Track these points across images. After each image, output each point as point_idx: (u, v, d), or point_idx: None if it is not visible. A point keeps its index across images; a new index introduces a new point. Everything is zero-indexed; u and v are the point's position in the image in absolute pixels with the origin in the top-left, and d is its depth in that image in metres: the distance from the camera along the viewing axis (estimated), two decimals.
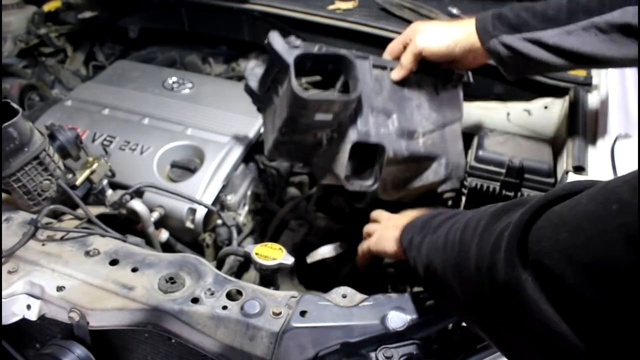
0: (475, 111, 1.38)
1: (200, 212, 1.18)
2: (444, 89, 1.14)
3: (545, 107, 1.33)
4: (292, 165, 1.42)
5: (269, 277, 0.97)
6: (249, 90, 1.12)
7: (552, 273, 0.41)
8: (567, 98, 1.27)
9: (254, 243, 1.28)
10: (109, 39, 1.90)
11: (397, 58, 1.10)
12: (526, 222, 0.45)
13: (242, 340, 0.75)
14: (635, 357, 0.35)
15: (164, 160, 1.26)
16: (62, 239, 0.92)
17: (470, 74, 1.16)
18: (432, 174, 1.12)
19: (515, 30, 0.94)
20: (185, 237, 1.23)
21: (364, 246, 1.04)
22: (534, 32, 0.91)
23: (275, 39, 0.96)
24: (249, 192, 1.33)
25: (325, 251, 1.19)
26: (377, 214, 1.08)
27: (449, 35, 1.02)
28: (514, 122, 1.18)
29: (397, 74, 1.08)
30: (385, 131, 1.02)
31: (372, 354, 0.74)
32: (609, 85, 1.23)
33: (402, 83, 1.09)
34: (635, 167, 0.40)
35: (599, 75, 1.28)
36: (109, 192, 1.13)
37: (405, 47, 1.08)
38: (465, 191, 1.13)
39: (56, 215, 1.00)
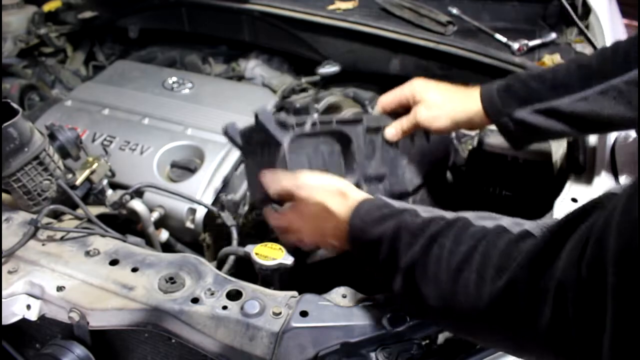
0: None
1: (200, 212, 1.18)
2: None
3: None
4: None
5: (269, 277, 0.97)
6: (228, 136, 0.96)
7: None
8: None
9: (254, 243, 1.29)
10: (109, 39, 1.90)
11: (390, 113, 1.05)
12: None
13: (242, 340, 0.75)
14: None
15: (164, 160, 1.26)
16: (62, 239, 0.92)
17: None
18: None
19: (525, 103, 0.89)
20: (185, 237, 1.23)
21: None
22: (547, 102, 0.87)
23: (267, 119, 0.87)
24: (249, 192, 1.33)
25: (325, 252, 1.19)
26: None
27: (454, 115, 0.96)
28: None
29: (392, 135, 1.02)
30: None
31: (372, 354, 0.74)
32: None
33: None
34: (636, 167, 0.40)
35: None
36: (109, 192, 1.13)
37: (400, 105, 1.03)
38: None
39: (56, 215, 1.00)
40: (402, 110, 1.02)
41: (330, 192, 0.80)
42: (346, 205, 0.77)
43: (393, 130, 1.03)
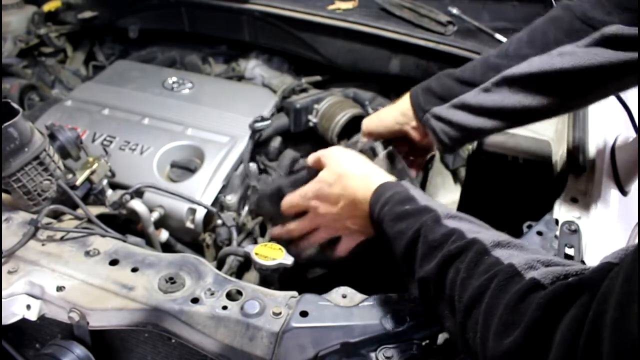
0: None
1: (200, 212, 1.18)
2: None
3: None
4: (292, 164, 1.42)
5: (269, 277, 0.97)
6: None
7: None
8: None
9: (254, 243, 1.29)
10: (109, 39, 1.90)
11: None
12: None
13: (242, 340, 0.75)
14: None
15: (164, 160, 1.26)
16: (62, 239, 0.92)
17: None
18: None
19: (442, 100, 0.92)
20: (185, 237, 1.23)
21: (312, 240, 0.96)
22: (458, 97, 0.90)
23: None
24: (249, 192, 1.33)
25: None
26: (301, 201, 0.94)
27: (389, 114, 1.00)
28: None
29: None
30: None
31: (372, 354, 0.74)
32: None
33: None
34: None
35: None
36: (109, 192, 1.13)
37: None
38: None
39: (56, 215, 1.00)
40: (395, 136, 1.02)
41: (356, 165, 0.86)
42: (367, 186, 0.81)
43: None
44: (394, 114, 1.00)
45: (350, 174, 0.86)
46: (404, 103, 0.98)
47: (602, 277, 0.45)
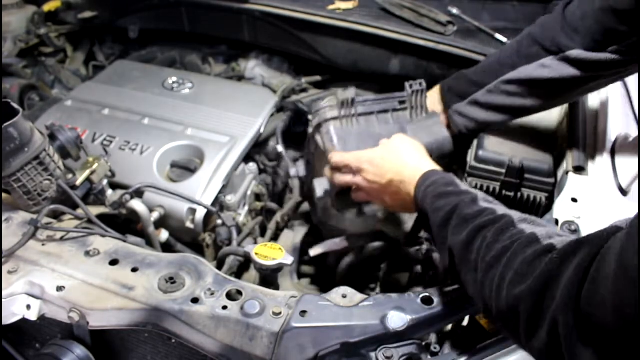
0: None
1: (200, 212, 1.18)
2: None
3: None
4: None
5: (269, 277, 0.97)
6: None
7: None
8: None
9: (254, 243, 1.29)
10: (109, 39, 1.90)
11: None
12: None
13: (242, 340, 0.75)
14: None
15: (164, 160, 1.26)
16: (62, 239, 0.92)
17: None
18: None
19: (461, 98, 1.09)
20: (185, 237, 1.23)
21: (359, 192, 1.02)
22: (472, 96, 1.07)
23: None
24: (249, 192, 1.33)
25: (328, 245, 1.19)
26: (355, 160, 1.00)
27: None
28: (513, 122, 1.18)
29: None
30: None
31: (372, 354, 0.74)
32: (609, 86, 1.22)
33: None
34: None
35: None
36: (109, 192, 1.13)
37: None
38: None
39: (56, 215, 1.00)
40: None
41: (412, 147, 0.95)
42: (417, 169, 0.89)
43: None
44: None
45: (405, 155, 0.94)
46: (434, 97, 1.13)
47: (609, 236, 0.49)
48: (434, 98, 1.14)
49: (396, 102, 1.10)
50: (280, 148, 1.37)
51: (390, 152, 0.96)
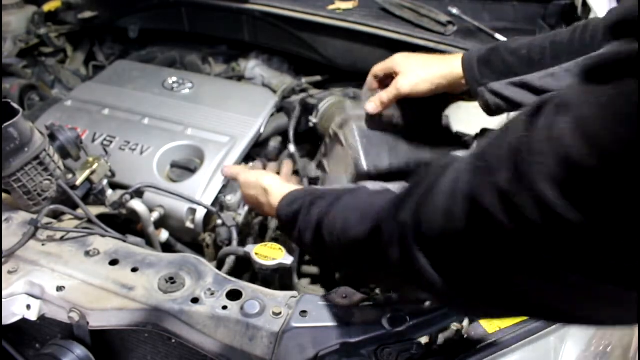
0: (475, 111, 1.38)
1: (200, 212, 1.18)
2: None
3: None
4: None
5: (269, 277, 0.97)
6: None
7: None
8: None
9: (254, 243, 1.29)
10: (109, 39, 1.90)
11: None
12: None
13: (242, 340, 0.75)
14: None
15: (164, 160, 1.26)
16: (62, 239, 0.92)
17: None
18: None
19: (502, 76, 0.95)
20: (185, 237, 1.23)
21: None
22: (521, 77, 0.93)
23: None
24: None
25: None
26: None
27: (432, 79, 1.03)
28: None
29: (373, 108, 1.09)
30: None
31: (372, 354, 0.74)
32: None
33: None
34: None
35: None
36: (109, 192, 1.13)
37: (385, 77, 1.10)
38: None
39: (56, 215, 1.00)
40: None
41: (257, 189, 0.98)
42: (269, 200, 0.93)
43: (373, 104, 1.09)
44: (436, 78, 1.03)
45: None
46: (452, 68, 1.01)
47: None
48: (445, 71, 1.02)
49: None
50: (292, 148, 1.37)
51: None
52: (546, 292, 0.41)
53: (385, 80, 1.12)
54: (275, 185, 0.95)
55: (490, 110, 1.00)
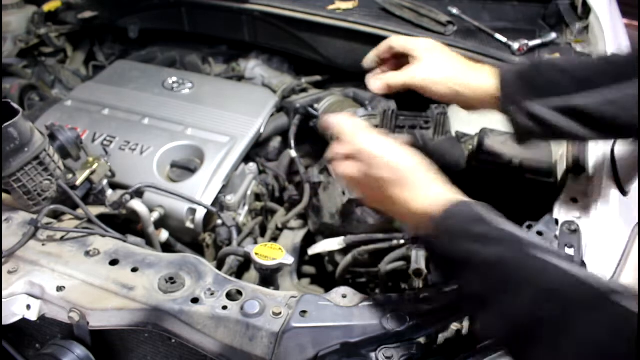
0: None
1: (200, 212, 1.18)
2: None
3: None
4: (290, 165, 1.42)
5: (269, 277, 0.97)
6: None
7: None
8: None
9: (254, 243, 1.29)
10: (109, 39, 1.90)
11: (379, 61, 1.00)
12: None
13: (242, 340, 0.75)
14: None
15: (164, 160, 1.26)
16: (62, 239, 0.92)
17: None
18: None
19: (539, 93, 0.80)
20: (185, 237, 1.23)
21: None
22: (567, 98, 0.77)
23: None
24: (249, 192, 1.33)
25: (327, 244, 1.19)
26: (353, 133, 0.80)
27: (455, 86, 0.87)
28: None
29: (376, 87, 0.94)
30: None
31: (372, 354, 0.74)
32: None
33: None
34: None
35: None
36: (109, 192, 1.13)
37: (393, 56, 0.97)
38: None
39: (56, 215, 1.00)
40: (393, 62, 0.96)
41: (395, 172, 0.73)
42: (434, 198, 0.71)
43: (378, 82, 0.94)
44: (466, 87, 0.87)
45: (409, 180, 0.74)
46: (484, 79, 0.85)
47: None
48: (478, 77, 0.85)
49: (422, 121, 1.20)
50: (293, 153, 1.37)
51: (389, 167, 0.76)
52: None
53: (395, 58, 0.98)
54: (425, 181, 0.72)
55: (520, 136, 0.84)
